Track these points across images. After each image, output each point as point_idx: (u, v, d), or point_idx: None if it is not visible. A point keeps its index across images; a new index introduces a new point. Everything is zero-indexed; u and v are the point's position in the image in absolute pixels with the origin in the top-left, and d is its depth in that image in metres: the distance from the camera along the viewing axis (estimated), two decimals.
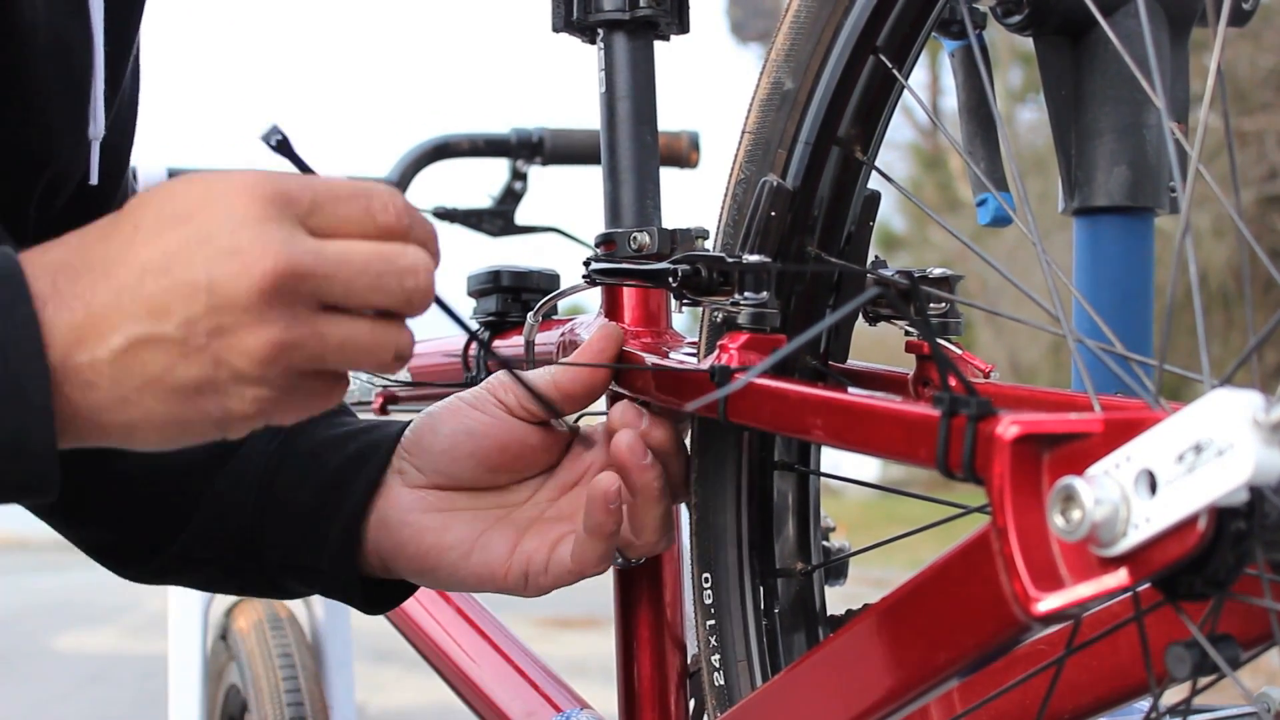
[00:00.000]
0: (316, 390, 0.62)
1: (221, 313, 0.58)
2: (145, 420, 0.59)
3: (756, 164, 0.74)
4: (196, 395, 0.59)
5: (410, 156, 1.89)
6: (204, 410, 0.59)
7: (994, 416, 0.51)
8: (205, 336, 0.58)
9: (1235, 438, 0.43)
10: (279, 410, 0.61)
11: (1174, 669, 0.48)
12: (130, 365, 0.58)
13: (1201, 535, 0.46)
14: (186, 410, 0.59)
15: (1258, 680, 0.97)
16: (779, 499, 0.78)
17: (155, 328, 0.57)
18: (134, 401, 0.58)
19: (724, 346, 0.72)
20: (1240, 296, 7.84)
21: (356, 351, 0.61)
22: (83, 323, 0.57)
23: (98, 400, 0.58)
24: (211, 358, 0.58)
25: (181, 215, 0.59)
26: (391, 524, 0.80)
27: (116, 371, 0.58)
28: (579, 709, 0.98)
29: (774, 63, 0.73)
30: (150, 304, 0.57)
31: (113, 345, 0.57)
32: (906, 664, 0.56)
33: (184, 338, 0.58)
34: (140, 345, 0.58)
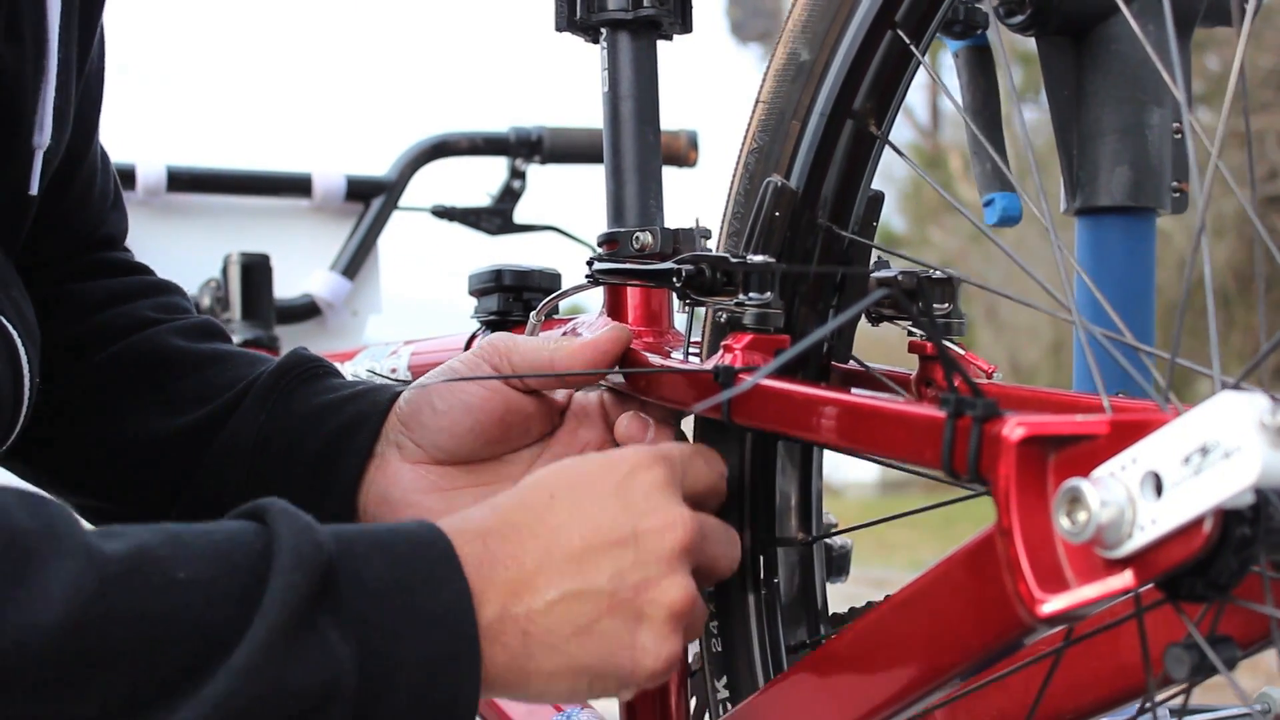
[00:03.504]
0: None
1: (648, 565, 0.64)
2: (566, 668, 0.63)
3: (770, 133, 0.74)
4: (617, 646, 0.64)
5: (409, 155, 1.89)
6: (618, 663, 0.64)
7: (1000, 418, 0.50)
8: (632, 590, 0.64)
9: (1242, 440, 0.43)
10: (671, 671, 0.66)
11: (1172, 669, 0.48)
12: (564, 615, 0.63)
13: (1207, 538, 0.46)
14: (607, 661, 0.64)
15: (1258, 680, 0.97)
16: (781, 468, 0.78)
17: (586, 580, 0.63)
18: (560, 650, 0.63)
19: (728, 347, 0.71)
20: (1240, 297, 7.84)
21: (703, 619, 0.69)
22: (517, 579, 0.62)
23: (528, 647, 0.62)
24: (637, 611, 0.64)
25: (592, 480, 0.66)
26: (395, 502, 0.79)
27: (550, 620, 0.63)
28: (579, 708, 0.97)
29: (791, 33, 0.73)
30: (581, 557, 0.63)
31: (548, 597, 0.63)
32: (910, 664, 0.56)
33: (613, 590, 0.64)
34: (573, 597, 0.63)
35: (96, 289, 0.91)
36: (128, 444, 0.85)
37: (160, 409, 0.86)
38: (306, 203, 1.86)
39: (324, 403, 0.83)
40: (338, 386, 0.85)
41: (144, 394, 0.86)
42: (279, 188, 1.85)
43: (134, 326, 0.89)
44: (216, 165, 1.84)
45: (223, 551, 0.57)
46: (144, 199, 1.77)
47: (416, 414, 0.80)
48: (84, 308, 0.90)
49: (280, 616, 0.55)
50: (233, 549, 0.57)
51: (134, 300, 0.91)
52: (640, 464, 0.67)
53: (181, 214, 1.82)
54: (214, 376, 0.86)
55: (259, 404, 0.83)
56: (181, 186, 1.79)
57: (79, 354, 0.88)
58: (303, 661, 0.56)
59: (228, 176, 1.83)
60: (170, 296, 0.94)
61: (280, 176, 1.85)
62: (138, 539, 0.55)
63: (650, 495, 0.66)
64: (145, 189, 1.76)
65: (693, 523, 0.66)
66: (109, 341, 0.88)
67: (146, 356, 0.88)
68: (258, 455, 0.82)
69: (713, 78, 18.83)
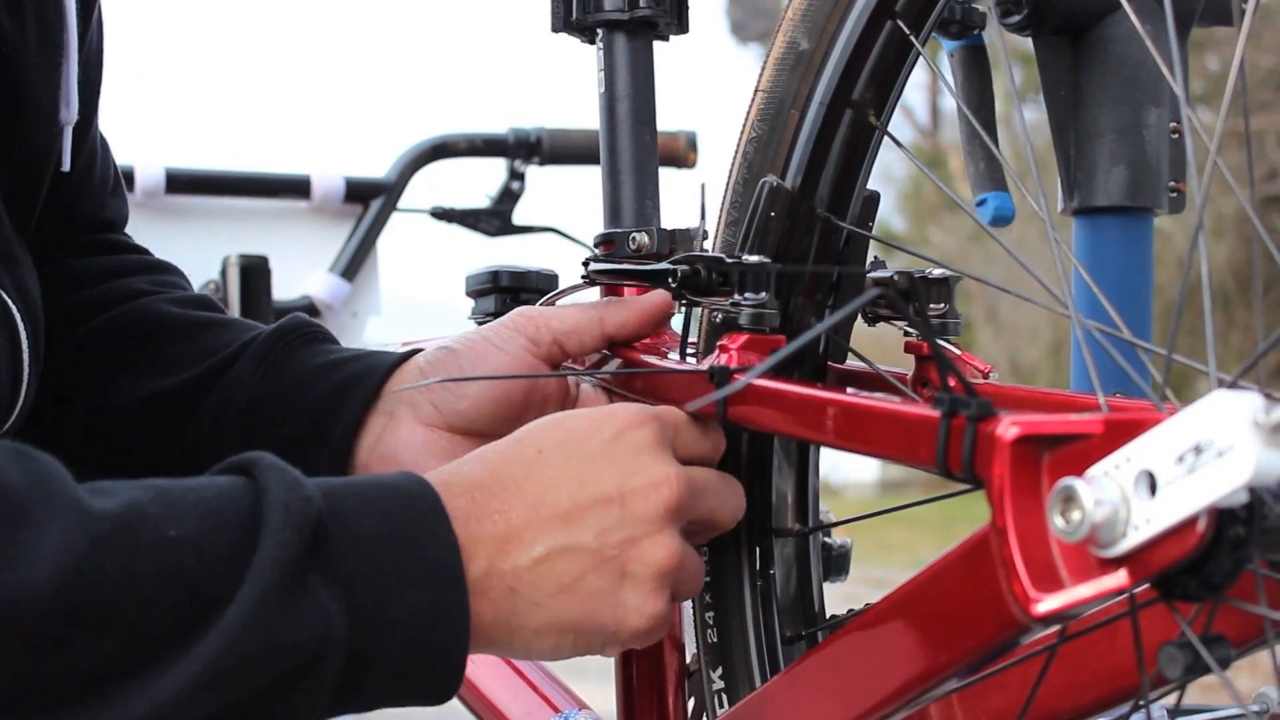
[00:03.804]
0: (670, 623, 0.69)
1: (633, 524, 0.64)
2: (551, 625, 0.64)
3: (769, 123, 0.74)
4: (601, 603, 0.64)
5: (408, 156, 1.89)
6: (602, 620, 0.64)
7: (994, 417, 0.51)
8: (617, 548, 0.64)
9: (1235, 439, 0.43)
10: (658, 631, 0.66)
11: (1166, 669, 0.48)
12: (549, 571, 0.63)
13: (1201, 537, 0.46)
14: (590, 618, 0.64)
15: (1257, 680, 0.96)
16: (778, 459, 0.78)
17: (572, 536, 0.63)
18: (546, 606, 0.63)
19: (724, 347, 0.71)
20: (1239, 297, 7.84)
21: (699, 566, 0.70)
22: (505, 534, 0.62)
23: (514, 604, 0.63)
24: (622, 568, 0.64)
25: (582, 438, 0.66)
26: (403, 463, 0.78)
27: (536, 577, 0.63)
28: (577, 709, 0.97)
29: (790, 22, 0.73)
30: (567, 514, 0.63)
31: (534, 554, 0.63)
32: (906, 664, 0.56)
33: (599, 548, 0.64)
34: (558, 553, 0.63)
35: (94, 265, 0.91)
36: (119, 407, 0.84)
37: (151, 371, 0.85)
38: (305, 204, 1.86)
39: (322, 363, 0.82)
40: (337, 350, 0.84)
41: (135, 358, 0.86)
42: (278, 189, 1.85)
43: (128, 297, 0.89)
44: (215, 167, 1.84)
45: (213, 508, 0.56)
46: (142, 201, 1.77)
47: (439, 373, 0.79)
48: (80, 281, 0.90)
49: (272, 575, 0.55)
50: (223, 505, 0.56)
51: (131, 275, 0.91)
52: (631, 422, 0.67)
53: (180, 216, 1.82)
54: (208, 340, 0.86)
55: (255, 363, 0.82)
56: (180, 188, 1.79)
57: (71, 324, 0.88)
58: (294, 620, 0.55)
59: (226, 178, 1.83)
60: (168, 275, 0.94)
61: (279, 178, 1.85)
62: (128, 496, 0.55)
63: (639, 454, 0.66)
64: (144, 191, 1.76)
65: (680, 481, 0.66)
66: (101, 311, 0.88)
67: (138, 323, 0.88)
68: (252, 413, 0.81)
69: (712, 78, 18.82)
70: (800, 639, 0.79)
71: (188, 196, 1.81)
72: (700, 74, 9.80)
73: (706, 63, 10.36)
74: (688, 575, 0.68)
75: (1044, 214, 0.60)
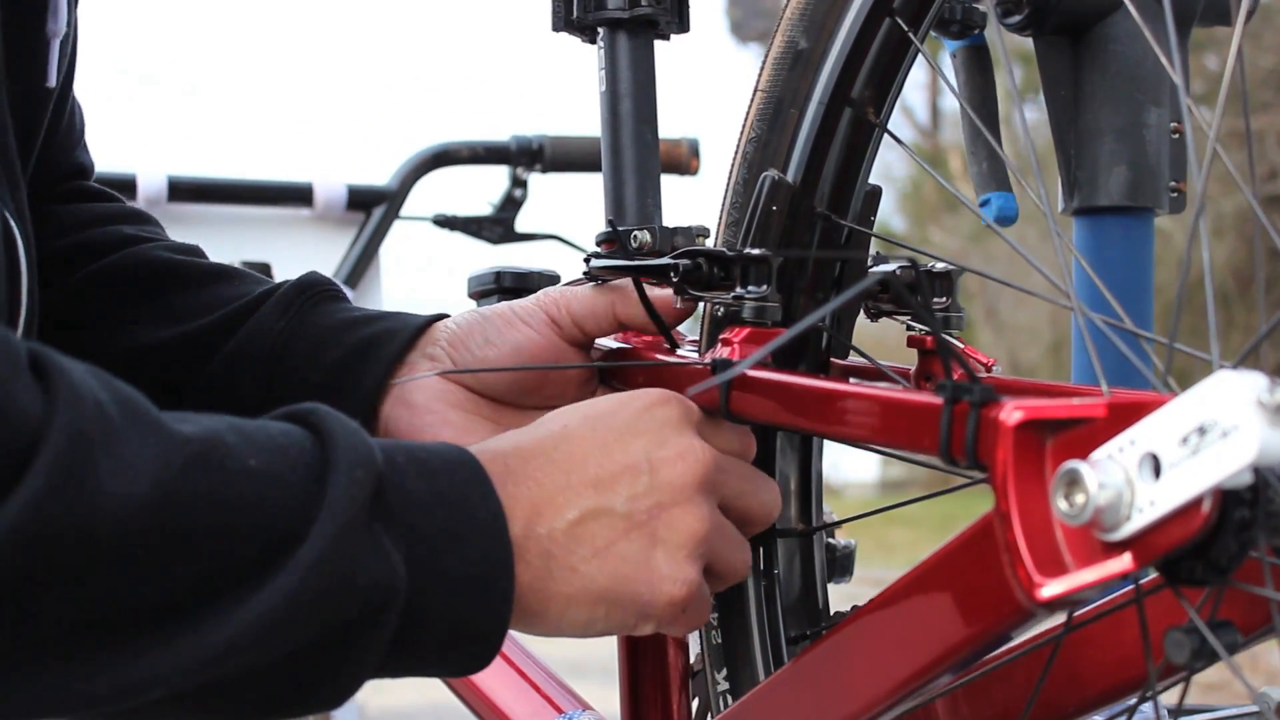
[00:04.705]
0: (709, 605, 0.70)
1: (661, 491, 0.65)
2: (584, 591, 0.63)
3: (768, 122, 0.74)
4: (635, 568, 0.64)
5: (411, 164, 1.90)
6: (637, 586, 0.64)
7: (997, 403, 0.51)
8: (646, 513, 0.64)
9: (1239, 419, 0.43)
10: (697, 608, 0.67)
11: (1172, 654, 0.48)
12: (582, 536, 0.63)
13: (1206, 518, 0.46)
14: (625, 583, 0.64)
15: (1258, 680, 0.96)
16: (781, 459, 0.78)
17: (603, 501, 0.64)
18: (581, 571, 0.63)
19: (726, 340, 0.71)
20: (1239, 296, 7.83)
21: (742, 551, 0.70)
22: (540, 498, 0.63)
23: (549, 568, 0.63)
24: (652, 534, 0.64)
25: (607, 414, 0.67)
26: (416, 406, 0.79)
27: (569, 541, 0.63)
28: (580, 710, 0.97)
29: (789, 21, 0.73)
30: (597, 481, 0.64)
31: (568, 517, 0.63)
32: (911, 653, 0.56)
33: (629, 512, 0.64)
34: (590, 517, 0.63)
35: (78, 210, 0.91)
36: (127, 354, 0.84)
37: (162, 319, 0.85)
38: (308, 212, 1.87)
39: (350, 318, 0.82)
40: (359, 309, 0.84)
41: (142, 305, 0.86)
42: (280, 197, 1.85)
43: (118, 243, 0.89)
44: (217, 175, 1.84)
45: (281, 445, 0.56)
46: (145, 209, 1.77)
47: (467, 338, 0.80)
48: (66, 227, 0.89)
49: (347, 512, 0.55)
50: (289, 444, 0.56)
51: (115, 223, 0.91)
52: (655, 401, 0.67)
53: (182, 223, 1.82)
54: (219, 290, 0.86)
55: (278, 312, 0.82)
56: (182, 196, 1.79)
57: (65, 270, 0.87)
58: (367, 560, 0.55)
59: (229, 186, 1.83)
60: (149, 225, 0.94)
61: (281, 186, 1.86)
62: (207, 424, 0.54)
63: (664, 427, 0.66)
64: (146, 199, 1.76)
65: (707, 454, 0.66)
66: (95, 257, 0.88)
67: (140, 269, 0.87)
68: (275, 362, 0.81)
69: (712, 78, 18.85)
70: (805, 638, 0.79)
71: (190, 204, 1.81)
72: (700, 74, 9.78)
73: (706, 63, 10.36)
74: (725, 550, 0.68)
75: (1044, 207, 0.60)
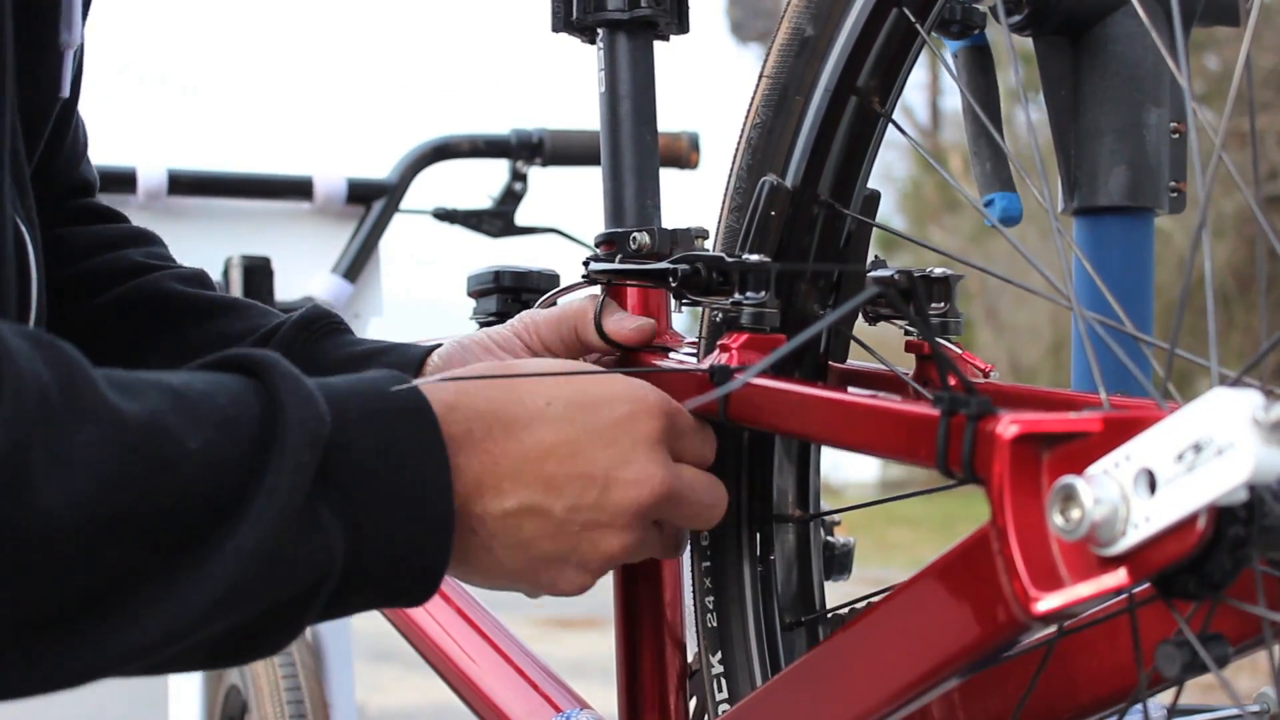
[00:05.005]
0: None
1: (602, 511, 0.65)
2: (491, 568, 0.66)
3: (773, 109, 0.74)
4: (543, 567, 0.66)
5: (411, 157, 1.89)
6: (538, 578, 0.67)
7: (993, 416, 0.51)
8: (580, 527, 0.65)
9: (1235, 437, 0.43)
10: (580, 590, 0.69)
11: (1164, 667, 0.48)
12: (511, 526, 0.64)
13: (1201, 535, 0.46)
14: (528, 574, 0.66)
15: (1257, 680, 0.97)
16: (779, 447, 0.78)
17: (546, 501, 0.64)
18: (496, 555, 0.65)
19: (724, 346, 0.71)
20: (1240, 297, 7.83)
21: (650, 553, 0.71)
22: (486, 478, 0.63)
23: (470, 544, 0.64)
24: (573, 545, 0.66)
25: (591, 408, 0.66)
26: None
27: (498, 527, 0.64)
28: (579, 709, 0.97)
29: (796, 8, 0.73)
30: (549, 481, 0.64)
31: (506, 506, 0.64)
32: (906, 663, 0.56)
33: (564, 520, 0.65)
34: (527, 512, 0.64)
35: (84, 234, 0.91)
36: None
37: (174, 353, 0.85)
38: (308, 205, 1.87)
39: (353, 353, 0.83)
40: (362, 341, 0.85)
41: (154, 339, 0.87)
42: (280, 191, 1.85)
43: (128, 272, 0.90)
44: (217, 168, 1.84)
45: (229, 418, 0.55)
46: (145, 202, 1.77)
47: (446, 368, 0.81)
48: (74, 253, 0.90)
49: (291, 500, 0.55)
50: (239, 414, 0.56)
51: (122, 247, 0.92)
52: (642, 410, 0.67)
53: (182, 217, 1.82)
54: (228, 324, 0.87)
55: (282, 349, 0.83)
56: (182, 189, 1.79)
57: (76, 298, 0.88)
58: (305, 543, 0.55)
59: (229, 179, 1.83)
60: (154, 246, 0.95)
61: (281, 179, 1.86)
62: (151, 402, 0.54)
63: (637, 444, 0.67)
64: (146, 192, 1.76)
65: (664, 486, 0.67)
66: (106, 287, 0.89)
67: (151, 302, 0.88)
68: None
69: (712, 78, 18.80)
70: (800, 625, 0.79)
71: (190, 198, 1.81)
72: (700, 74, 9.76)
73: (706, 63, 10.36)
74: (634, 557, 0.69)
75: (1047, 204, 0.60)
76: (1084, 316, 0.57)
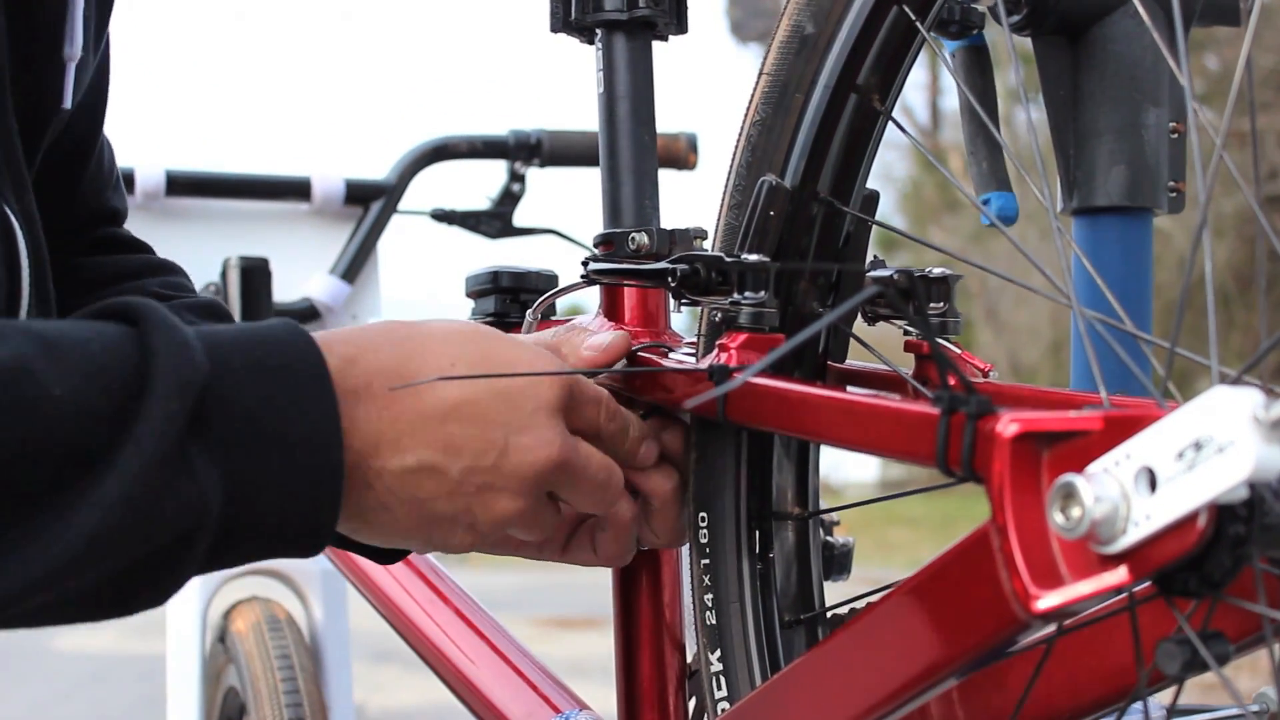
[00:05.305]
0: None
1: (497, 475, 0.66)
2: (385, 525, 0.66)
3: (772, 106, 0.74)
4: (435, 525, 0.67)
5: (409, 158, 1.89)
6: (429, 537, 0.68)
7: (993, 414, 0.50)
8: (474, 488, 0.66)
9: (1235, 435, 0.43)
10: (468, 549, 0.70)
11: (1164, 665, 0.48)
12: (408, 483, 0.65)
13: (1201, 533, 0.46)
14: (420, 532, 0.67)
15: (1257, 680, 0.97)
16: (778, 445, 0.78)
17: (444, 461, 0.65)
18: (392, 511, 0.65)
19: (723, 346, 0.71)
20: (1240, 296, 7.83)
21: (548, 524, 0.72)
22: (386, 433, 0.64)
23: (365, 500, 0.64)
24: (467, 506, 0.66)
25: (493, 368, 0.67)
26: None
27: (395, 483, 0.65)
28: (578, 710, 0.97)
29: (796, 6, 0.73)
30: (448, 442, 0.65)
31: (405, 463, 0.64)
32: (906, 662, 0.56)
33: (460, 480, 0.66)
34: (425, 471, 0.65)
35: (105, 264, 0.92)
36: None
37: None
38: (306, 206, 1.86)
39: None
40: None
41: None
42: (278, 191, 1.85)
43: None
44: (215, 169, 1.84)
45: (99, 365, 0.55)
46: (143, 203, 1.77)
47: None
48: (92, 283, 0.90)
49: (157, 448, 0.54)
50: (109, 362, 0.55)
51: (141, 278, 0.92)
52: (538, 380, 0.68)
53: (180, 218, 1.82)
54: None
55: None
56: (180, 190, 1.79)
57: None
58: (174, 492, 0.55)
59: (227, 180, 1.83)
60: (174, 276, 0.96)
61: (279, 180, 1.85)
62: (16, 347, 0.53)
63: (538, 410, 0.67)
64: (144, 193, 1.76)
65: (560, 454, 0.68)
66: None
67: None
68: None
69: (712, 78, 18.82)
70: (799, 623, 0.79)
71: (188, 199, 1.81)
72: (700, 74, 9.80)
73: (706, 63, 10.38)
74: (529, 526, 0.70)
75: (1046, 202, 0.60)
76: (1084, 315, 0.57)
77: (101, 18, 0.82)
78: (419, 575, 1.10)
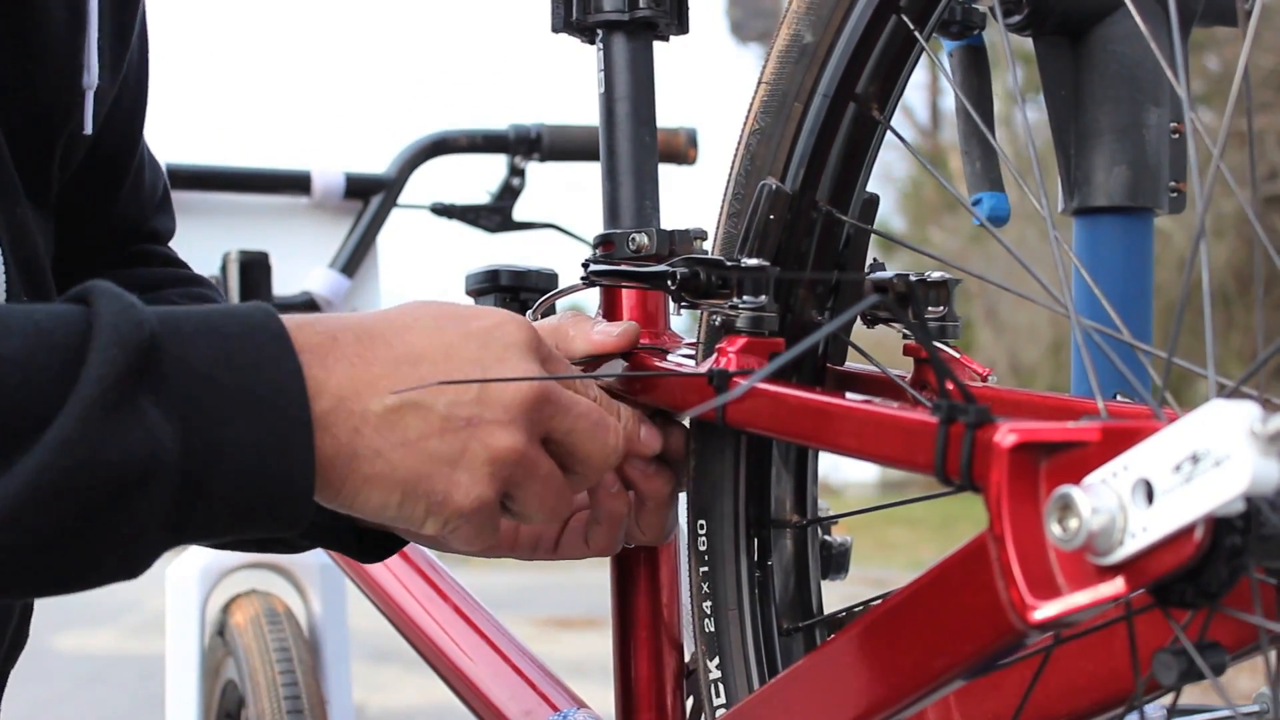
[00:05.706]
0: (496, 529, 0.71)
1: (484, 406, 0.66)
2: (385, 475, 0.65)
3: (772, 115, 0.74)
4: (437, 469, 0.65)
5: (409, 152, 1.89)
6: (431, 486, 0.66)
7: (992, 424, 0.51)
8: (463, 422, 0.65)
9: (1232, 448, 0.43)
10: (482, 524, 0.68)
11: (1161, 675, 0.48)
12: (395, 424, 0.64)
13: (1198, 545, 0.46)
14: (420, 479, 0.65)
15: (1256, 681, 0.97)
16: (777, 452, 0.78)
17: (424, 398, 0.65)
18: (386, 457, 0.64)
19: (722, 350, 0.71)
20: (1239, 297, 7.83)
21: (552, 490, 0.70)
22: (361, 378, 0.64)
23: (354, 445, 0.64)
24: (462, 441, 0.65)
25: (459, 318, 0.68)
26: None
27: (382, 425, 0.64)
28: (576, 708, 0.98)
29: (794, 14, 0.73)
30: (426, 378, 0.65)
31: (386, 402, 0.64)
32: (903, 670, 0.56)
33: (447, 415, 0.65)
34: (409, 409, 0.65)
35: (129, 275, 0.93)
36: None
37: None
38: (305, 200, 1.86)
39: None
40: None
41: None
42: (278, 185, 1.85)
43: None
44: (215, 163, 1.84)
45: (44, 329, 0.57)
46: None
47: None
48: None
49: (96, 390, 0.55)
50: (54, 327, 0.57)
51: (164, 289, 0.93)
52: (509, 321, 0.69)
53: (180, 211, 1.79)
54: None
55: None
56: (180, 184, 1.79)
57: None
58: (119, 437, 0.56)
59: (226, 174, 1.83)
60: (201, 288, 0.96)
61: (279, 174, 1.85)
62: None
63: (509, 348, 0.68)
64: None
65: (542, 386, 0.67)
66: None
67: None
68: None
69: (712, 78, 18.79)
70: (797, 631, 0.79)
71: (188, 192, 1.81)
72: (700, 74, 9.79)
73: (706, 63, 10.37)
74: (529, 484, 0.68)
75: (1044, 211, 0.60)
76: (1081, 325, 0.57)
77: (118, 47, 0.83)
78: (418, 572, 1.10)
